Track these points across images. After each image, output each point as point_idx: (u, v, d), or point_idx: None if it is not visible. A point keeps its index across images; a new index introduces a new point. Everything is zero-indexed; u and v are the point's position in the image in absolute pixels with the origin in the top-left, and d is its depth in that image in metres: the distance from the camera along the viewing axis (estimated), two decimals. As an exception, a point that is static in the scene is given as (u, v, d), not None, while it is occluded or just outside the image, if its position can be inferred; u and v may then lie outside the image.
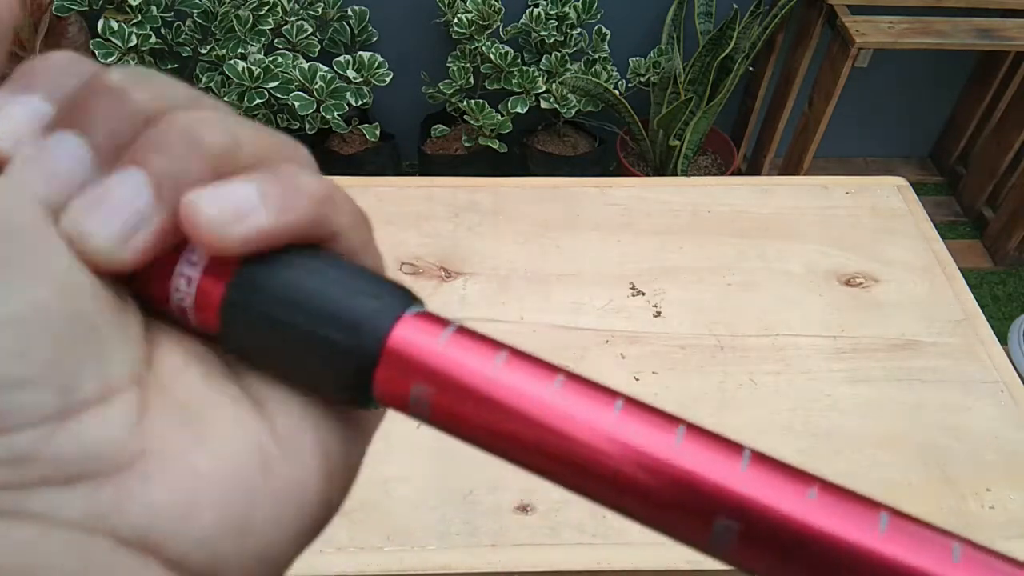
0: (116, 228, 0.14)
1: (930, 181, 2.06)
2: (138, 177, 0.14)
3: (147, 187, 0.14)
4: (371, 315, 0.15)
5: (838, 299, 0.66)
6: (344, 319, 0.15)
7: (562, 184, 0.76)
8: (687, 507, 0.14)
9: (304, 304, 0.15)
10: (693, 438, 0.15)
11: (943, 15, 1.59)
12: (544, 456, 0.15)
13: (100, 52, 1.47)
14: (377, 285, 0.16)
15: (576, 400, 0.15)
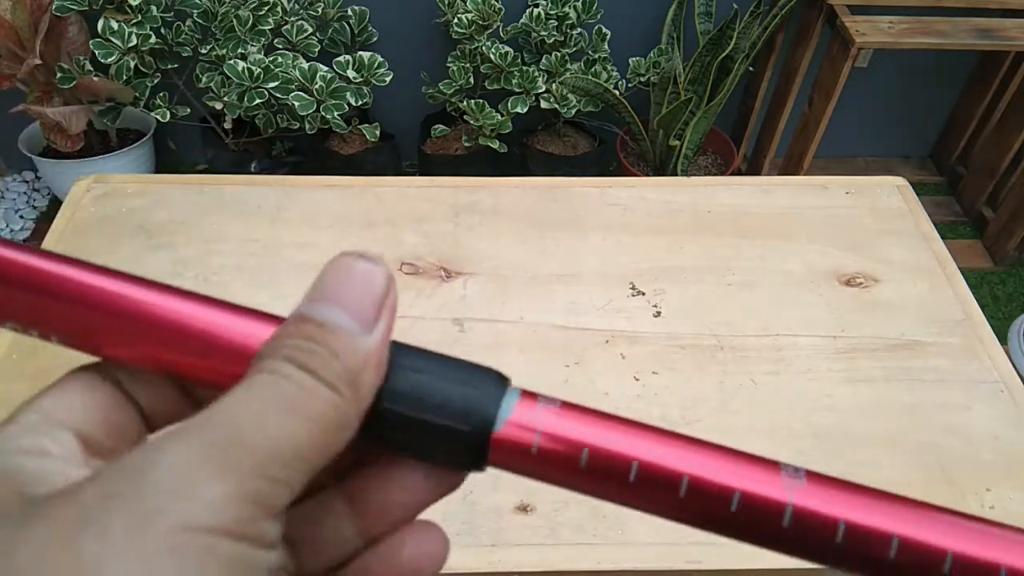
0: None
1: (930, 181, 2.06)
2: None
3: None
4: (478, 404, 0.18)
5: (838, 299, 0.66)
6: (460, 411, 0.18)
7: (562, 184, 0.76)
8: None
9: (427, 403, 0.18)
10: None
11: (943, 15, 1.59)
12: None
13: (100, 52, 1.47)
14: (471, 373, 0.19)
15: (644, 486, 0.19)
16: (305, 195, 0.72)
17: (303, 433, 0.16)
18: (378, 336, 0.18)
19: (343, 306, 0.18)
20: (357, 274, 0.18)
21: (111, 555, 0.14)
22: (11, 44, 1.48)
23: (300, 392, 0.16)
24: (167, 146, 1.89)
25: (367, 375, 0.17)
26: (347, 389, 0.17)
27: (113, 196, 0.71)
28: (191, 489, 0.15)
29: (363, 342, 0.18)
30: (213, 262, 0.66)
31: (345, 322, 0.17)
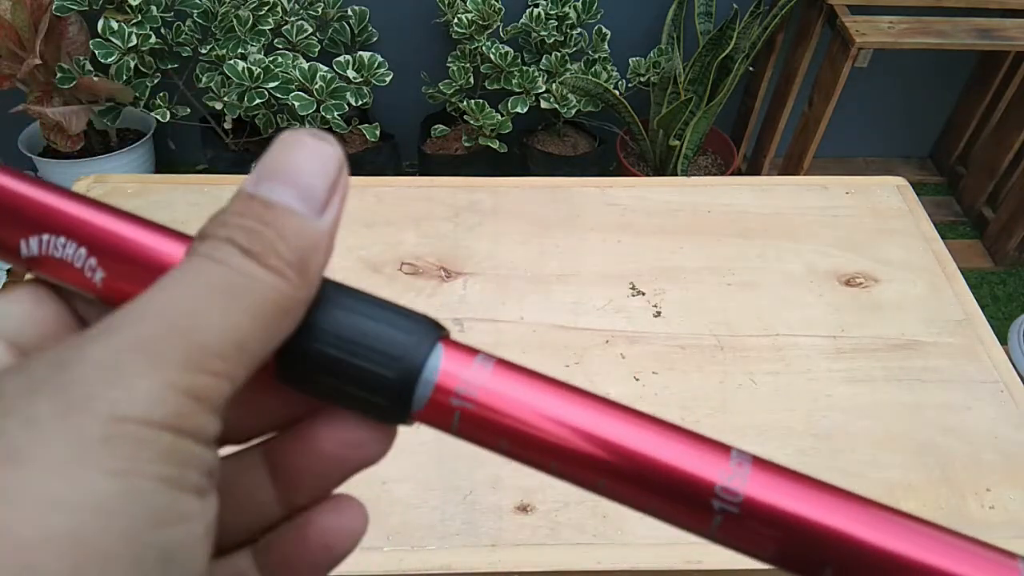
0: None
1: (930, 181, 2.06)
2: None
3: None
4: (409, 350, 0.17)
5: (838, 299, 0.66)
6: (387, 355, 0.17)
7: (562, 184, 0.76)
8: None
9: (353, 344, 0.17)
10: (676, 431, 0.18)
11: (943, 15, 1.59)
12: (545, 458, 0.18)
13: (100, 52, 1.47)
14: (405, 318, 0.18)
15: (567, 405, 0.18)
16: (305, 195, 0.72)
17: (244, 323, 0.15)
18: (329, 220, 0.17)
19: (294, 186, 0.16)
20: (309, 152, 0.17)
21: (39, 443, 0.13)
22: (11, 44, 1.48)
23: (242, 279, 0.15)
24: (167, 146, 1.89)
25: (316, 260, 0.16)
26: (294, 274, 0.16)
27: (113, 196, 0.71)
28: (123, 380, 0.14)
29: (313, 225, 0.16)
30: (213, 262, 0.65)
31: (295, 203, 0.16)
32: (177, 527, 0.14)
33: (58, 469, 0.13)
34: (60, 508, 0.13)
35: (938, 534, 0.16)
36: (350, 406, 0.18)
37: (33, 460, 0.13)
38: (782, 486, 0.17)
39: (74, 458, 0.13)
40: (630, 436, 0.17)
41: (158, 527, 0.14)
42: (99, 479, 0.13)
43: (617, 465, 0.17)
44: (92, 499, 0.13)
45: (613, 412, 0.18)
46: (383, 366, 0.17)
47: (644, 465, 0.17)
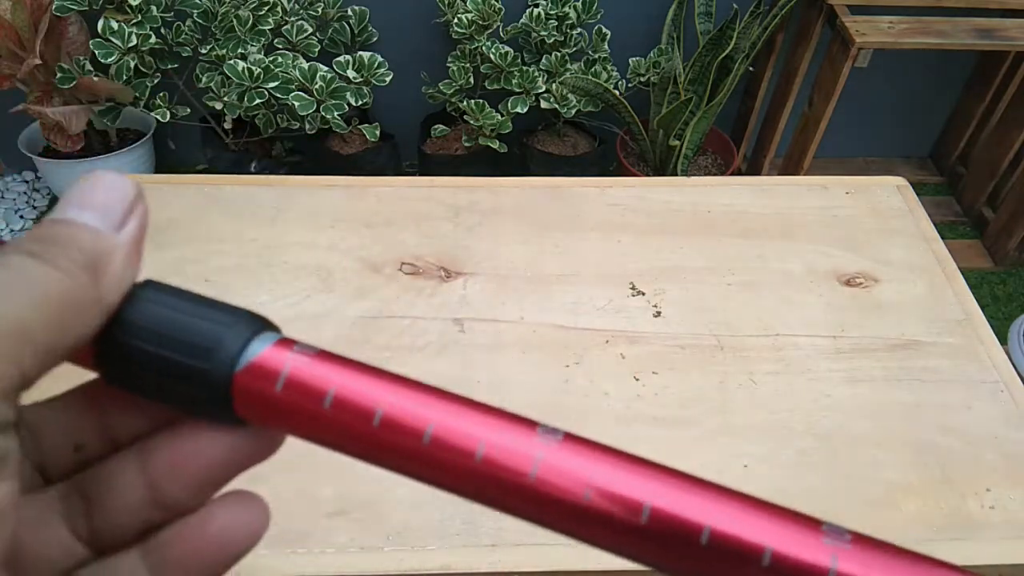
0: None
1: (930, 181, 2.06)
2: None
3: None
4: (223, 342, 0.17)
5: (838, 299, 0.66)
6: (200, 348, 0.17)
7: (562, 184, 0.76)
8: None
9: (167, 338, 0.17)
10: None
11: (943, 15, 1.59)
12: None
13: (100, 52, 1.47)
14: (225, 312, 0.18)
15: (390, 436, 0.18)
16: (305, 195, 0.72)
17: (26, 311, 0.16)
18: (127, 235, 0.18)
19: (90, 207, 0.18)
20: (104, 182, 0.18)
21: None
22: (11, 44, 1.48)
23: (23, 276, 0.16)
24: (167, 146, 1.89)
25: (112, 266, 0.17)
26: (83, 274, 0.17)
27: (113, 196, 0.71)
28: None
29: (107, 236, 0.18)
30: (213, 262, 0.66)
31: (89, 219, 0.18)
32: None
33: None
34: None
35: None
36: (175, 403, 0.18)
37: None
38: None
39: None
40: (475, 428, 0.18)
41: None
42: None
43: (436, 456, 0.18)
44: None
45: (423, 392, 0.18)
46: (198, 358, 0.17)
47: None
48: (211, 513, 0.19)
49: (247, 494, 0.20)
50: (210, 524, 0.19)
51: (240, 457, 0.19)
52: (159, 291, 0.18)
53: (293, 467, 0.52)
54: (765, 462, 0.54)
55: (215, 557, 0.19)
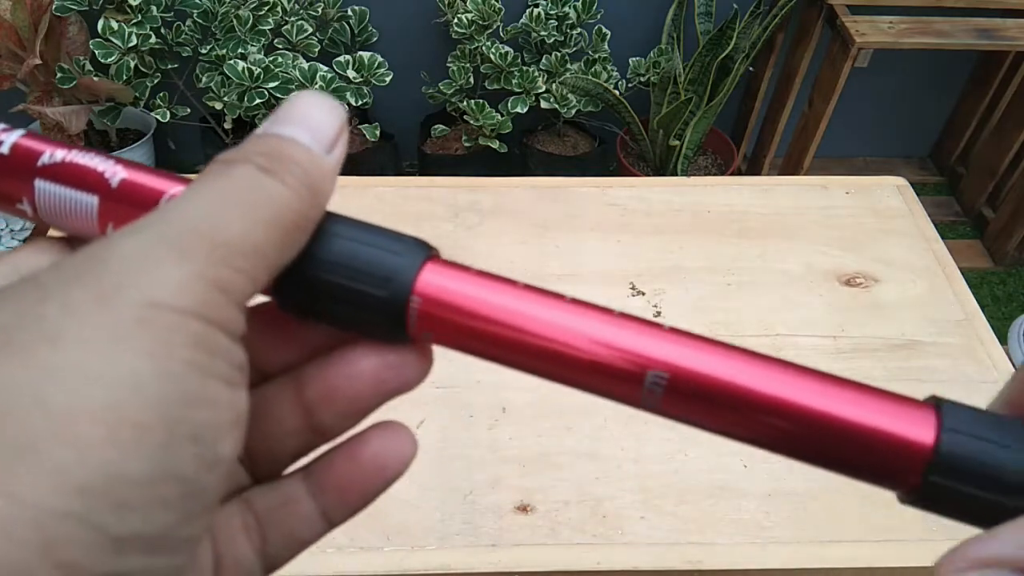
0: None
1: (930, 181, 2.06)
2: None
3: None
4: (399, 269, 0.18)
5: (838, 299, 0.66)
6: (378, 277, 0.18)
7: (562, 184, 0.76)
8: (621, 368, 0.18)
9: (347, 267, 0.18)
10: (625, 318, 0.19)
11: (943, 15, 1.59)
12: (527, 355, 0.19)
13: (100, 52, 1.47)
14: (396, 241, 0.19)
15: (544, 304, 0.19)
16: (305, 195, 0.72)
17: (261, 229, 0.16)
18: (335, 157, 0.18)
19: (305, 127, 0.18)
20: (317, 101, 0.19)
21: (76, 326, 0.14)
22: (11, 44, 1.48)
23: (260, 191, 0.16)
24: (167, 146, 1.89)
25: (326, 188, 0.18)
26: (306, 193, 0.17)
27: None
28: (153, 270, 0.15)
29: (323, 158, 0.18)
30: (213, 262, 0.65)
31: (307, 139, 0.18)
32: (206, 410, 0.15)
33: (95, 348, 0.14)
34: (98, 383, 0.13)
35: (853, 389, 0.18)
36: (350, 327, 0.19)
37: (72, 340, 0.14)
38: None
39: (110, 339, 0.14)
40: (596, 330, 0.19)
41: (189, 407, 0.14)
42: (134, 358, 0.14)
43: (578, 359, 0.18)
44: (128, 376, 0.14)
45: (587, 310, 0.19)
46: (375, 286, 0.18)
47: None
48: (364, 440, 0.20)
49: (395, 423, 0.20)
50: (364, 450, 0.20)
51: (389, 383, 0.20)
52: (332, 220, 0.19)
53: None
54: (765, 462, 0.54)
55: (370, 481, 0.20)
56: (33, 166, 0.19)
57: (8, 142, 0.19)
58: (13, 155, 0.19)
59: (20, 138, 0.19)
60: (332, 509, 0.20)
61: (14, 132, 0.19)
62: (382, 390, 0.20)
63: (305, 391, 0.20)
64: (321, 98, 0.19)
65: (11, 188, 0.19)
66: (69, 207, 0.19)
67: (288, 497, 0.20)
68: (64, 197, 0.18)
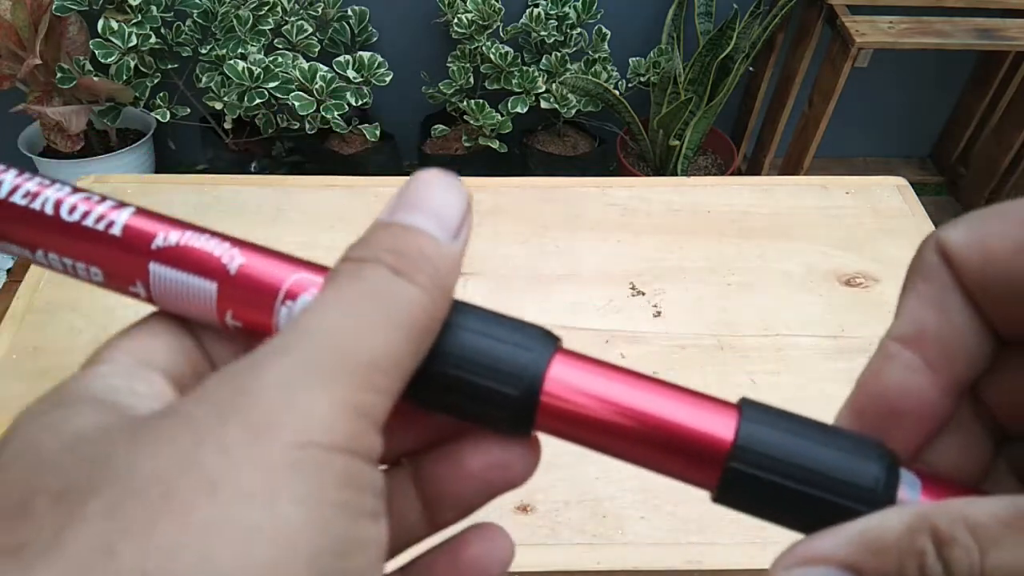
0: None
1: (930, 181, 2.06)
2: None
3: None
4: (528, 366, 0.18)
5: (838, 299, 0.66)
6: (507, 373, 0.18)
7: (562, 184, 0.76)
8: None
9: (474, 364, 0.18)
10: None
11: (943, 15, 1.59)
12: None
13: (100, 52, 1.47)
14: (522, 334, 0.18)
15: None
16: (305, 195, 0.72)
17: (400, 339, 0.16)
18: (461, 244, 0.18)
19: (430, 214, 0.17)
20: (441, 185, 0.18)
21: (232, 468, 0.13)
22: (11, 44, 1.48)
23: (395, 297, 0.16)
24: (167, 146, 1.89)
25: (452, 280, 0.17)
26: (438, 292, 0.17)
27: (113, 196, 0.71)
28: (301, 403, 0.14)
29: (450, 247, 0.17)
30: (213, 262, 0.65)
31: (433, 228, 0.17)
32: (358, 555, 0.14)
33: (253, 499, 0.13)
34: (257, 539, 0.13)
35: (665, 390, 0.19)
36: (476, 422, 0.19)
37: (229, 490, 0.13)
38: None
39: (266, 487, 0.13)
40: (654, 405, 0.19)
41: (342, 557, 0.14)
42: (289, 507, 0.13)
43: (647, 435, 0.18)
44: (285, 528, 0.13)
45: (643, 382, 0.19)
46: (506, 384, 0.18)
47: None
48: (465, 542, 0.20)
49: (493, 525, 0.20)
50: (464, 553, 0.20)
51: (511, 477, 0.19)
52: (457, 312, 0.18)
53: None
54: (765, 462, 0.54)
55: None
56: (147, 249, 0.18)
57: (120, 223, 0.18)
58: (125, 237, 0.18)
59: (131, 217, 0.18)
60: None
61: (124, 210, 0.18)
62: (496, 486, 0.19)
63: (427, 483, 0.19)
64: (445, 179, 0.18)
65: (125, 271, 0.18)
66: (186, 293, 0.18)
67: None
68: (180, 282, 0.18)
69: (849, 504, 0.17)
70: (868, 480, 0.17)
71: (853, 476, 0.17)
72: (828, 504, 0.17)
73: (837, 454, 0.17)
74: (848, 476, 0.17)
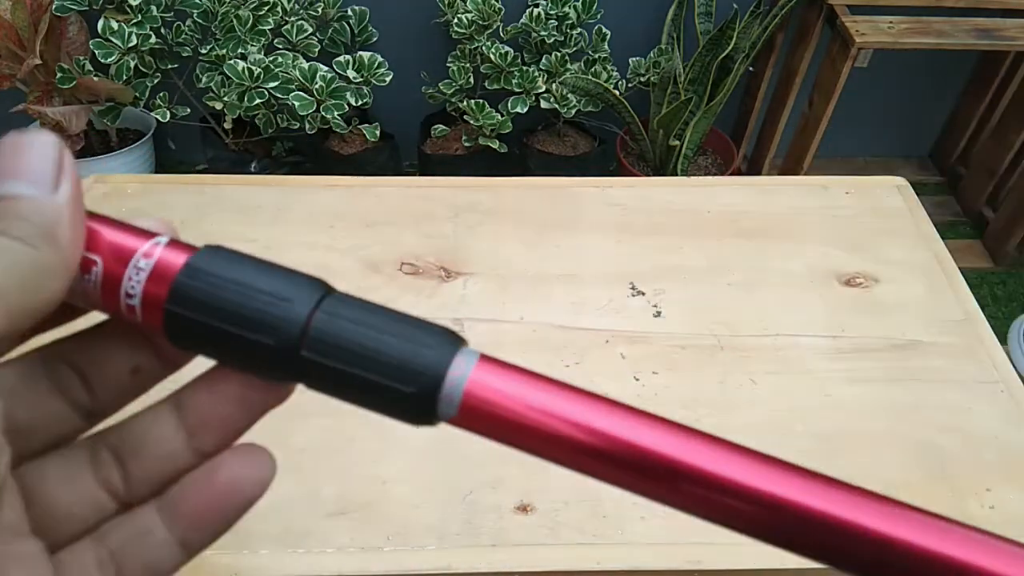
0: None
1: (930, 181, 2.06)
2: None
3: None
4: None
5: (838, 299, 0.66)
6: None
7: (562, 184, 0.76)
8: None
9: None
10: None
11: (943, 15, 1.59)
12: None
13: (100, 52, 1.47)
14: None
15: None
16: (305, 195, 0.72)
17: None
18: (65, 194, 0.18)
19: (18, 176, 0.18)
20: (25, 146, 0.18)
21: None
22: (11, 44, 1.48)
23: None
24: (167, 146, 1.89)
25: (62, 230, 0.18)
26: (43, 243, 0.17)
27: (113, 196, 0.71)
28: None
29: (50, 201, 0.18)
30: (213, 262, 0.65)
31: (25, 189, 0.18)
32: None
33: None
34: None
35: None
36: (243, 370, 0.19)
37: None
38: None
39: None
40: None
41: None
42: None
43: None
44: None
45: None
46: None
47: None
48: (219, 464, 0.20)
49: (251, 445, 0.20)
50: (218, 475, 0.20)
51: (262, 403, 0.20)
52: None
53: (294, 468, 0.52)
54: (765, 462, 0.54)
55: (225, 507, 0.20)
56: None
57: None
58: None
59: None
60: (189, 537, 0.20)
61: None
62: (254, 413, 0.20)
63: (188, 413, 0.20)
64: (27, 138, 0.18)
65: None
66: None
67: (142, 528, 0.20)
68: None
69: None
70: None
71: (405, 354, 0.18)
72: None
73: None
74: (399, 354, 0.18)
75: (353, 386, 0.18)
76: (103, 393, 0.20)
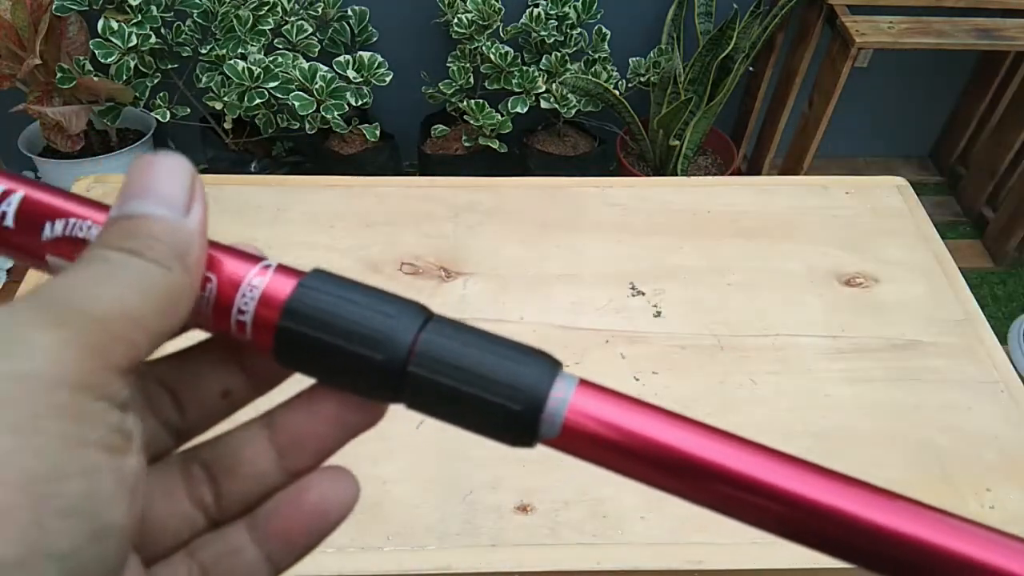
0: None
1: (930, 181, 2.06)
2: None
3: None
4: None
5: (838, 299, 0.66)
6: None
7: (562, 184, 0.76)
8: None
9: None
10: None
11: (943, 15, 1.59)
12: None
13: (100, 52, 1.47)
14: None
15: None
16: (305, 195, 0.72)
17: (135, 300, 0.17)
18: (196, 218, 0.19)
19: (153, 198, 0.18)
20: (160, 167, 0.19)
21: None
22: (11, 44, 1.48)
23: (128, 269, 0.17)
24: (167, 146, 1.89)
25: (193, 252, 0.18)
26: (175, 265, 0.18)
27: (113, 196, 0.71)
28: (22, 339, 0.15)
29: (181, 223, 0.18)
30: (213, 262, 0.65)
31: (158, 210, 0.18)
32: (80, 481, 0.15)
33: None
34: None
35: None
36: (342, 387, 0.20)
37: None
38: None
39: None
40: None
41: (58, 481, 0.14)
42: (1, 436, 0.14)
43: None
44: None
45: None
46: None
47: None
48: (309, 485, 0.20)
49: (338, 468, 0.21)
50: (307, 496, 0.20)
51: (356, 425, 0.20)
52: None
53: (293, 467, 0.52)
54: (765, 462, 0.54)
55: (313, 528, 0.20)
56: (39, 242, 0.19)
57: (11, 213, 0.19)
58: (18, 228, 0.19)
59: (21, 205, 0.19)
60: (277, 555, 0.20)
61: (13, 197, 0.19)
62: (347, 434, 0.20)
63: (279, 432, 0.20)
64: (164, 161, 0.19)
65: (34, 263, 0.19)
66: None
67: (232, 546, 0.20)
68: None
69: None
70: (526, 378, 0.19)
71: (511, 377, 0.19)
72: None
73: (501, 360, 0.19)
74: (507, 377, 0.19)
75: (459, 403, 0.19)
76: (193, 413, 0.21)
